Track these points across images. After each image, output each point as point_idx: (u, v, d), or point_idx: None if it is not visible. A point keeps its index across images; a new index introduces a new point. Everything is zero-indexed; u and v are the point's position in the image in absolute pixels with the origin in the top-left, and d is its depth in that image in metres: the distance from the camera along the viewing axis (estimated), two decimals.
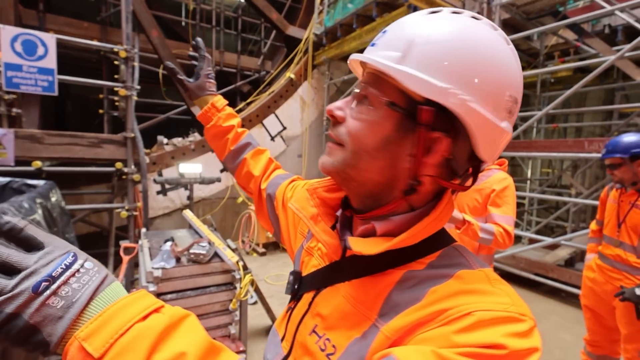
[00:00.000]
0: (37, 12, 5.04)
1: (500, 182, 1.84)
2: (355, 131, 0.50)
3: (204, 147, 4.21)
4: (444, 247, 0.52)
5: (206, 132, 0.96)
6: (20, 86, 2.98)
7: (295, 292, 0.63)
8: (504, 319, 0.40)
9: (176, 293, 2.11)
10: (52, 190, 2.61)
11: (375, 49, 0.50)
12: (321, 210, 0.61)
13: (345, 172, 0.51)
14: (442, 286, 0.45)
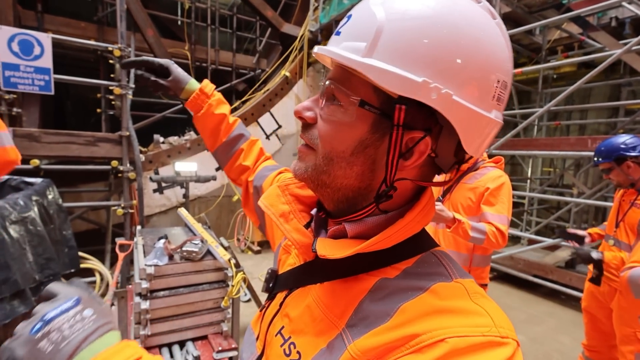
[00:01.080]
0: (35, 13, 5.13)
1: (495, 180, 1.77)
2: (326, 134, 0.45)
3: (200, 145, 4.30)
4: (423, 252, 0.47)
5: (196, 120, 0.90)
6: (17, 85, 3.06)
7: (270, 290, 0.60)
8: (482, 345, 0.35)
9: (169, 290, 2.13)
10: (49, 188, 2.70)
11: (340, 38, 0.44)
12: (294, 207, 0.57)
13: (319, 178, 0.47)
14: (414, 302, 0.40)
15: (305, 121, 0.48)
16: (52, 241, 2.36)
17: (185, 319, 2.16)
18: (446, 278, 0.43)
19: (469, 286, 0.42)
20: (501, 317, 0.39)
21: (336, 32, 0.45)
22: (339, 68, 0.45)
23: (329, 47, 0.44)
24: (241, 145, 0.90)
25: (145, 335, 2.01)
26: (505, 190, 1.76)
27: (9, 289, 1.67)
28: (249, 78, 7.26)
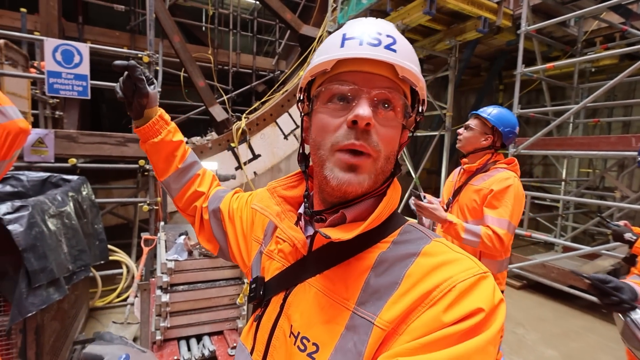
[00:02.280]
0: (77, 25, 5.53)
1: (501, 182, 1.73)
2: (389, 137, 0.53)
3: (220, 145, 4.47)
4: (402, 224, 0.56)
5: (150, 146, 0.84)
6: (59, 91, 3.32)
7: (261, 298, 0.61)
8: (477, 282, 0.45)
9: (188, 285, 2.25)
10: (84, 184, 2.93)
11: (398, 56, 0.52)
12: (284, 207, 0.63)
13: (376, 180, 0.53)
14: (414, 267, 0.49)
15: (368, 128, 0.50)
16: (85, 234, 2.58)
17: (203, 314, 2.28)
18: (427, 239, 0.52)
19: (445, 241, 0.53)
20: (473, 257, 0.50)
21: (387, 46, 0.52)
22: (387, 79, 0.52)
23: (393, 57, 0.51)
24: (197, 172, 0.89)
25: (165, 327, 2.15)
26: (510, 193, 1.70)
27: (45, 277, 1.85)
28: (269, 79, 7.41)
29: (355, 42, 0.52)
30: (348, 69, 0.53)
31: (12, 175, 2.67)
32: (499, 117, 1.87)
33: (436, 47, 5.31)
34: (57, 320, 2.28)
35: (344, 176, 0.51)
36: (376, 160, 0.52)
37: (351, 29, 0.55)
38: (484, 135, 1.89)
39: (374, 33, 0.52)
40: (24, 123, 1.33)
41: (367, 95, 0.51)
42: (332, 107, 0.53)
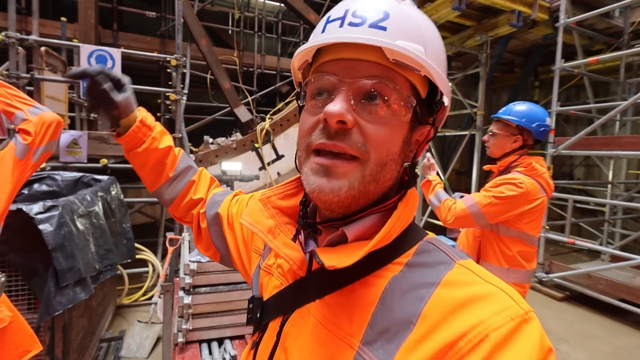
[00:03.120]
0: (112, 32, 5.79)
1: (503, 179, 1.70)
2: (381, 137, 0.43)
3: (245, 146, 4.50)
4: (418, 241, 0.47)
5: (134, 156, 0.76)
6: None
7: (258, 321, 0.54)
8: (516, 329, 0.35)
9: (210, 287, 2.24)
10: (113, 184, 3.02)
11: (388, 34, 0.42)
12: (279, 220, 0.53)
13: (365, 190, 0.44)
14: (434, 302, 0.39)
15: (343, 127, 0.42)
16: (112, 233, 2.64)
17: (224, 317, 2.27)
18: (449, 263, 0.43)
19: (470, 265, 0.43)
20: (510, 288, 0.40)
21: (372, 24, 0.42)
22: (376, 65, 0.43)
23: (380, 38, 0.41)
24: (191, 178, 0.81)
25: (187, 330, 2.15)
26: (501, 187, 1.66)
27: (73, 277, 1.89)
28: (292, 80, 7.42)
29: (336, 25, 0.44)
30: (329, 57, 0.45)
31: (49, 175, 2.78)
32: (523, 114, 1.74)
33: (466, 43, 5.09)
34: (84, 318, 2.34)
35: (315, 180, 0.43)
36: (363, 164, 0.43)
37: (338, 6, 0.47)
38: (511, 137, 1.78)
39: (360, 9, 0.44)
40: (52, 115, 1.43)
41: (346, 88, 0.43)
42: (313, 103, 0.46)
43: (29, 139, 1.33)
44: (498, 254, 1.76)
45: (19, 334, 1.31)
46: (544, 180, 1.71)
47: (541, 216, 1.75)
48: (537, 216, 1.72)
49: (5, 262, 1.85)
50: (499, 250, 1.76)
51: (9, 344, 1.27)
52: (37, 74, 3.31)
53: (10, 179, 1.28)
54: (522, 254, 1.73)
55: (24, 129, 1.34)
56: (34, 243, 1.85)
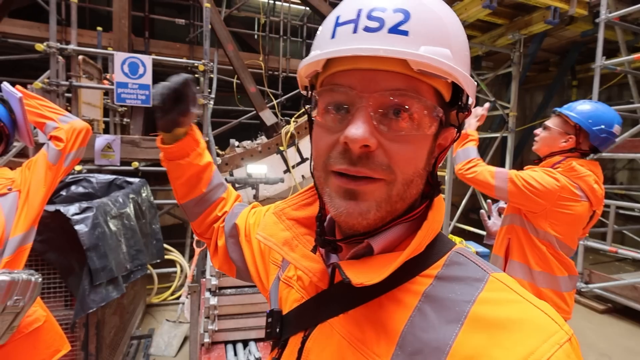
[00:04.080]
0: (143, 39, 6.03)
1: (542, 168, 1.65)
2: (407, 155, 0.40)
3: (270, 149, 4.54)
4: (447, 251, 0.44)
5: (175, 167, 0.75)
6: (125, 100, 3.61)
7: (277, 337, 0.51)
8: (569, 355, 0.34)
9: (235, 288, 2.26)
10: (144, 187, 3.12)
11: (409, 41, 0.38)
12: (296, 232, 0.51)
13: (392, 209, 0.42)
14: (470, 324, 0.36)
15: (366, 150, 0.39)
16: (143, 234, 2.72)
17: (249, 319, 2.29)
18: (483, 277, 0.40)
19: (504, 279, 0.40)
20: (547, 306, 0.38)
21: (393, 28, 0.38)
22: (398, 75, 0.39)
23: (421, 48, 0.38)
24: (222, 195, 0.80)
25: (213, 330, 2.18)
26: (536, 175, 1.56)
27: (105, 276, 1.96)
28: None
29: (348, 29, 0.39)
30: (343, 67, 0.40)
31: (85, 177, 2.91)
32: (586, 113, 1.58)
33: (497, 42, 4.90)
34: (116, 316, 2.42)
35: (341, 204, 0.40)
36: (390, 184, 0.40)
37: (348, 3, 0.41)
38: (564, 135, 1.64)
39: (375, 8, 0.38)
40: (81, 123, 1.49)
41: (365, 104, 0.39)
42: (329, 119, 0.42)
43: (61, 145, 1.39)
44: (526, 254, 1.66)
45: (50, 333, 1.36)
46: (586, 184, 1.56)
47: (576, 224, 1.60)
48: (569, 222, 1.57)
49: (45, 261, 1.95)
50: (528, 250, 1.65)
51: (42, 343, 1.32)
52: (75, 81, 3.49)
53: (44, 183, 1.34)
54: (550, 258, 1.61)
55: (56, 136, 1.40)
56: (71, 243, 1.94)
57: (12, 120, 1.36)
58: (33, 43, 3.55)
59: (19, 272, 1.16)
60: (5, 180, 1.28)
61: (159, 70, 3.85)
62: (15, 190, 1.28)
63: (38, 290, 1.23)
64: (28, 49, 5.27)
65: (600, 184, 1.63)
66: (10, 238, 1.21)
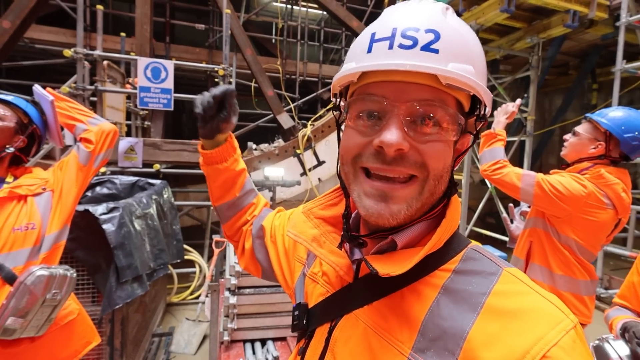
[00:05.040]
0: (164, 44, 6.21)
1: (570, 173, 1.63)
2: (438, 154, 0.44)
3: (287, 152, 4.59)
4: (464, 247, 0.48)
5: (213, 171, 0.81)
6: (148, 104, 3.71)
7: (305, 328, 0.55)
8: (572, 340, 0.38)
9: (254, 288, 2.30)
10: (165, 188, 3.20)
11: (440, 58, 0.42)
12: (323, 229, 0.55)
13: (422, 206, 0.46)
14: (485, 314, 0.40)
15: (400, 153, 0.43)
16: (164, 234, 2.79)
17: (267, 318, 2.32)
18: (496, 271, 0.44)
19: (515, 273, 0.44)
20: (557, 300, 0.42)
21: (425, 46, 0.42)
22: (427, 88, 0.43)
23: (449, 65, 0.42)
24: (252, 200, 0.86)
25: (232, 329, 2.22)
26: (563, 181, 1.54)
27: (131, 274, 2.03)
28: None
29: (384, 45, 0.43)
30: (377, 78, 0.44)
31: (109, 179, 3.00)
32: (618, 120, 1.55)
33: (515, 46, 4.84)
34: (139, 313, 2.49)
35: (372, 206, 0.44)
36: (422, 181, 0.44)
37: (383, 23, 0.46)
38: (593, 142, 1.62)
39: (409, 28, 0.43)
40: (110, 125, 1.55)
41: (398, 112, 0.43)
42: (361, 124, 0.46)
43: (90, 147, 1.44)
44: (547, 257, 1.67)
45: (82, 326, 1.42)
46: (614, 192, 1.54)
47: (600, 231, 1.59)
48: (593, 229, 1.57)
49: (74, 258, 2.02)
50: (550, 253, 1.66)
51: (76, 335, 1.38)
52: (100, 85, 3.61)
53: (75, 183, 1.40)
54: (572, 261, 1.62)
55: (86, 138, 1.45)
56: (98, 241, 2.01)
57: (43, 122, 1.42)
58: (59, 48, 3.70)
59: (56, 268, 1.23)
60: (40, 180, 1.34)
61: (179, 74, 3.96)
62: (49, 190, 1.34)
63: (73, 284, 1.29)
64: (54, 54, 5.50)
65: (628, 192, 1.60)
66: (46, 235, 1.28)
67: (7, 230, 1.17)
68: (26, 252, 1.20)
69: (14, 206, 1.22)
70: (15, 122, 1.29)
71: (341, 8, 5.13)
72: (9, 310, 1.09)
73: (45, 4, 4.18)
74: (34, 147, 1.41)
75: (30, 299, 1.12)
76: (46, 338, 1.24)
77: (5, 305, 1.10)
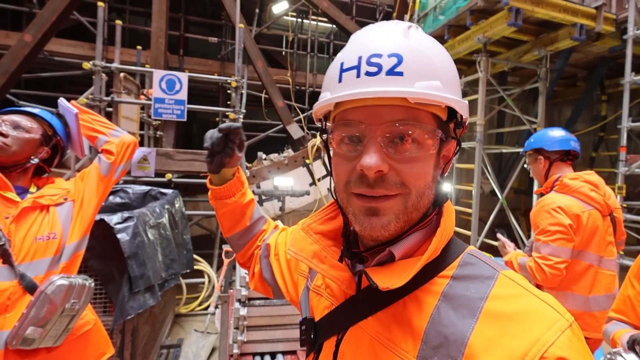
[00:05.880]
0: (178, 57, 6.36)
1: (536, 206, 1.84)
2: (417, 172, 0.46)
3: (296, 162, 4.62)
4: (460, 253, 0.49)
5: (221, 205, 0.82)
6: (162, 115, 3.78)
7: (312, 342, 0.56)
8: (568, 340, 0.39)
9: (264, 300, 2.28)
10: (177, 198, 3.23)
11: (405, 80, 0.44)
12: (323, 244, 0.56)
13: (409, 219, 0.48)
14: (485, 318, 0.41)
15: (380, 174, 0.45)
16: (175, 244, 2.81)
17: (277, 331, 2.29)
18: (493, 275, 0.46)
19: (510, 275, 0.46)
20: (553, 299, 0.43)
21: (390, 71, 0.44)
22: (400, 108, 0.45)
23: (415, 89, 0.44)
24: (262, 227, 0.88)
25: (242, 341, 2.20)
26: (540, 214, 1.76)
27: (144, 283, 2.04)
28: None
29: (352, 74, 0.46)
30: (352, 105, 0.47)
31: (122, 188, 3.05)
32: (532, 138, 1.99)
33: (522, 58, 4.86)
34: (148, 324, 2.49)
35: (364, 220, 0.47)
36: (405, 197, 0.46)
37: (349, 51, 0.49)
38: (537, 162, 1.97)
39: (373, 55, 0.45)
40: (130, 137, 1.59)
41: (374, 135, 0.45)
42: (344, 149, 0.49)
43: (112, 158, 1.48)
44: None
45: (97, 336, 1.42)
46: (582, 194, 1.76)
47: (594, 234, 1.74)
48: (588, 232, 1.72)
49: (87, 267, 2.04)
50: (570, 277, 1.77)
51: (91, 345, 1.38)
52: (116, 97, 3.70)
53: (96, 193, 1.43)
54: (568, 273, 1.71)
55: (107, 149, 1.49)
56: (111, 251, 2.03)
57: (66, 134, 1.46)
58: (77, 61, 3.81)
59: (75, 277, 1.24)
60: (62, 190, 1.37)
61: (191, 86, 4.04)
62: (70, 200, 1.37)
63: (91, 294, 1.30)
64: (71, 66, 5.65)
65: (597, 190, 1.79)
66: (66, 245, 1.30)
67: (29, 240, 1.20)
68: (47, 262, 1.22)
69: (37, 216, 1.25)
70: (40, 134, 1.33)
71: (350, 21, 5.21)
72: (29, 319, 1.11)
73: (66, 18, 4.32)
74: (57, 158, 1.45)
75: (50, 308, 1.13)
76: (62, 348, 1.25)
77: (26, 315, 1.11)
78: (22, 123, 1.27)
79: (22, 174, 1.30)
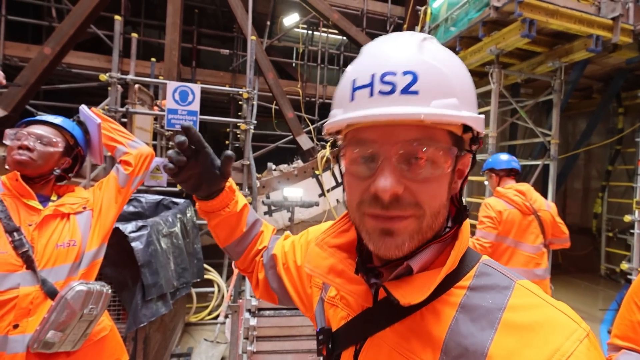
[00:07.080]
0: (190, 68, 6.51)
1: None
2: (433, 193, 0.46)
3: (305, 172, 4.63)
4: (476, 263, 0.50)
5: (214, 217, 0.76)
6: (175, 125, 3.85)
7: (330, 353, 0.56)
8: (586, 350, 0.39)
9: (274, 310, 2.28)
10: (188, 207, 3.26)
11: (420, 100, 0.43)
12: (338, 257, 0.55)
13: (424, 238, 0.47)
14: (503, 329, 0.42)
15: (395, 197, 0.44)
16: (187, 253, 2.83)
17: (287, 342, 2.28)
18: (509, 285, 0.46)
19: (527, 285, 0.46)
20: (569, 309, 0.44)
21: (404, 90, 0.43)
22: (417, 127, 0.44)
23: (431, 110, 0.42)
24: (259, 230, 0.84)
25: (252, 352, 2.19)
26: (480, 211, 2.55)
27: (156, 292, 2.05)
28: None
29: (365, 93, 0.44)
30: (364, 124, 0.46)
31: (135, 197, 3.09)
32: (488, 162, 2.82)
33: (536, 70, 4.83)
34: (159, 332, 2.50)
35: (378, 240, 0.46)
36: (420, 218, 0.45)
37: (362, 67, 0.47)
38: (490, 177, 2.82)
39: (387, 73, 0.43)
40: (147, 149, 1.61)
41: (388, 155, 0.44)
42: (357, 168, 0.48)
43: (129, 169, 1.50)
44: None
45: (113, 342, 1.43)
46: (507, 197, 2.52)
47: (512, 225, 2.46)
48: (508, 224, 2.46)
49: (102, 275, 2.06)
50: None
51: (106, 351, 1.39)
52: (130, 107, 3.79)
53: (114, 204, 1.46)
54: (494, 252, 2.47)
55: (126, 160, 1.52)
56: (125, 259, 2.05)
57: (86, 141, 1.49)
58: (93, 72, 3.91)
59: (93, 283, 1.26)
60: (81, 199, 1.40)
61: (203, 97, 4.12)
62: (89, 209, 1.40)
63: (108, 300, 1.32)
64: (87, 78, 5.82)
65: (520, 195, 2.51)
66: (85, 252, 1.32)
67: (51, 246, 1.23)
68: (67, 268, 1.25)
69: (58, 223, 1.28)
70: (63, 146, 1.36)
71: (361, 33, 5.28)
72: (49, 323, 1.13)
73: (84, 32, 4.47)
74: (77, 167, 1.48)
75: (70, 313, 1.15)
76: (80, 353, 1.26)
77: (47, 319, 1.13)
78: (46, 136, 1.30)
79: (45, 183, 1.34)
